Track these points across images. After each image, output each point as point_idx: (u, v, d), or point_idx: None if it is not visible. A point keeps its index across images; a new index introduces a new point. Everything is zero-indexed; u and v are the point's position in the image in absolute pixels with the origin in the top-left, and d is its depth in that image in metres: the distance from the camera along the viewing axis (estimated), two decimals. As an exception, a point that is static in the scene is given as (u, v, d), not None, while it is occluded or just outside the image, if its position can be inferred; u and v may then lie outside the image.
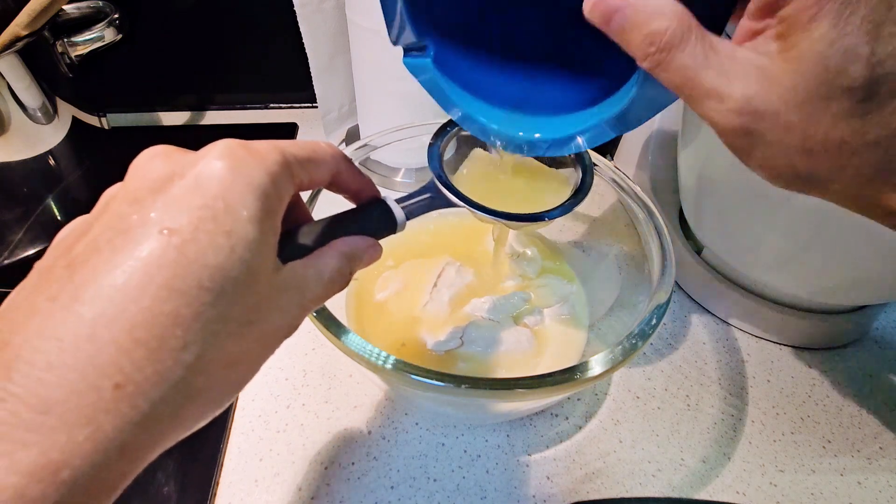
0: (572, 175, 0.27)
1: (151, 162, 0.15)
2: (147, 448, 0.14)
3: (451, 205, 0.24)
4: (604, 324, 0.35)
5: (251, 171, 0.15)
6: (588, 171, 0.27)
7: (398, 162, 0.51)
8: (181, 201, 0.14)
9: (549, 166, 0.28)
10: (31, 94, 0.40)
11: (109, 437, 0.13)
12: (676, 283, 0.44)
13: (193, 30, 0.58)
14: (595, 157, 0.35)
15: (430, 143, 0.27)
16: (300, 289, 0.17)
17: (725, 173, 0.35)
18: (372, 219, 0.21)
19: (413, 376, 0.24)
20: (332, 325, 0.26)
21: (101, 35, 0.44)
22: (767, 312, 0.39)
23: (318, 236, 0.19)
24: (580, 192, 0.26)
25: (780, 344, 0.40)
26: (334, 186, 0.20)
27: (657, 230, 0.31)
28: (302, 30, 0.47)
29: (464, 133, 0.28)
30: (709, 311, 0.42)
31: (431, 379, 0.24)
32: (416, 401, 0.33)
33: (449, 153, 0.28)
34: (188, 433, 0.15)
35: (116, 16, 0.45)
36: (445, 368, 0.33)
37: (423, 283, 0.37)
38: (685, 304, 0.43)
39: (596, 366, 0.25)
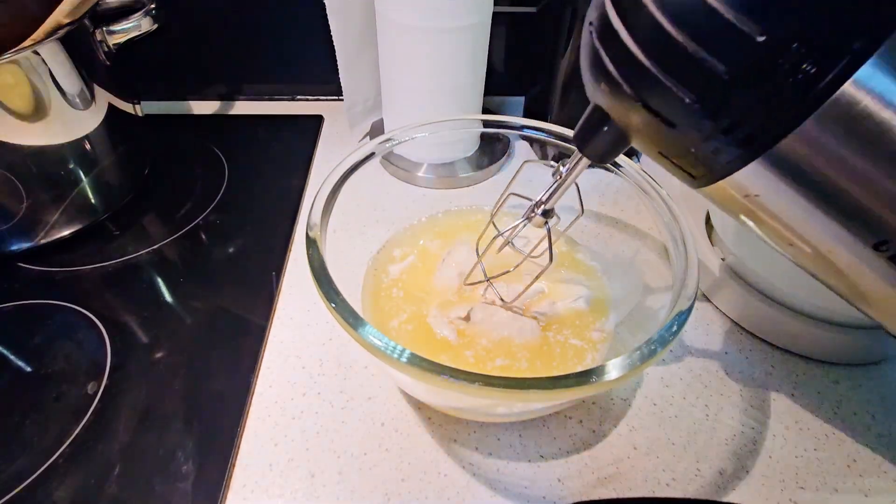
0: None
1: None
2: None
3: None
4: (623, 328, 0.34)
5: None
6: None
7: (421, 157, 0.51)
8: None
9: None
10: (70, 81, 0.42)
11: None
12: (700, 290, 0.43)
13: (226, 22, 0.59)
14: (622, 159, 0.35)
15: None
16: None
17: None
18: None
19: (427, 371, 0.24)
20: (348, 316, 0.26)
21: (138, 24, 0.46)
22: (794, 324, 0.38)
23: None
24: None
25: (806, 358, 0.39)
26: None
27: (682, 235, 0.30)
28: (330, 23, 0.47)
29: None
30: (732, 321, 0.41)
31: (445, 374, 0.24)
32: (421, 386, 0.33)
33: None
34: None
35: (153, 6, 0.46)
36: (445, 347, 0.33)
37: (435, 260, 0.38)
38: (708, 312, 0.42)
39: (613, 370, 0.24)
